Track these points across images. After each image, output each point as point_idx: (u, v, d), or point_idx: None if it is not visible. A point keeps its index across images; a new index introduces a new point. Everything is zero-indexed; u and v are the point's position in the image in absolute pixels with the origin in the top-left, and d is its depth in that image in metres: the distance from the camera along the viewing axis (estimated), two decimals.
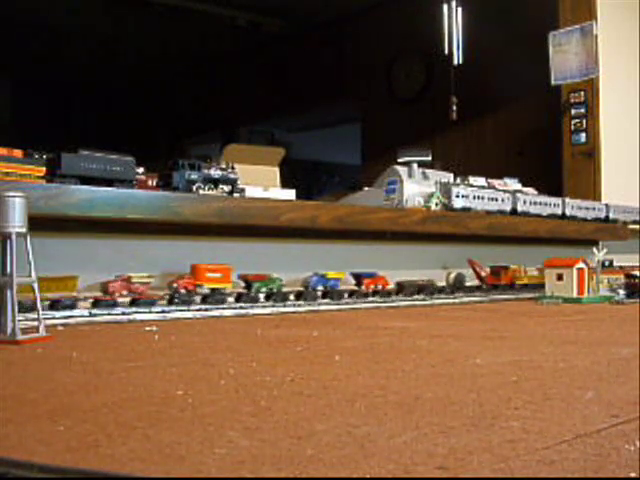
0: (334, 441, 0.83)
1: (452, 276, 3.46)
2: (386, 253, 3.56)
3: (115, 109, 11.08)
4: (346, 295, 3.01)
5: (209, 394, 1.13)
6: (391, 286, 3.24)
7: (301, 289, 2.93)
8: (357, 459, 0.76)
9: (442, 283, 3.44)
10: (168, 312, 2.46)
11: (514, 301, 3.51)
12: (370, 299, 3.06)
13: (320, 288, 2.95)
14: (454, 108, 5.24)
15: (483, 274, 3.60)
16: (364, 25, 7.99)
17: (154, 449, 0.80)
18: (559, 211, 4.17)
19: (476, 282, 3.61)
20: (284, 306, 2.79)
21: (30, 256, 1.78)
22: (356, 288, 3.09)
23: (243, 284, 2.77)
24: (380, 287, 3.15)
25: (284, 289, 2.85)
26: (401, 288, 3.23)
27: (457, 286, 3.44)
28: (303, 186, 9.36)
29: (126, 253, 2.64)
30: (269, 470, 0.72)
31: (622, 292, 3.43)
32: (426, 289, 3.29)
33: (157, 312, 2.44)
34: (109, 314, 2.33)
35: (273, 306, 2.76)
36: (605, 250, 3.50)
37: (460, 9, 5.09)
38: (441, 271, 3.61)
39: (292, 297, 2.86)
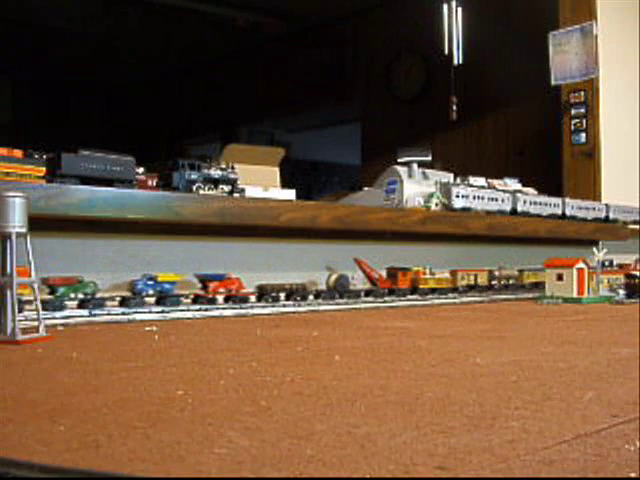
0: (334, 441, 0.83)
1: (333, 278, 3.00)
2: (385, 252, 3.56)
3: (115, 109, 11.08)
4: (187, 300, 2.56)
5: (209, 394, 1.13)
6: (249, 290, 2.74)
7: (126, 294, 2.46)
8: (357, 459, 0.76)
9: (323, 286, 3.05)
10: (168, 312, 2.46)
11: (514, 301, 3.51)
12: (222, 306, 2.59)
13: (150, 292, 2.46)
14: (454, 108, 5.24)
15: (376, 276, 3.18)
16: (364, 25, 7.99)
17: (154, 449, 0.80)
18: (559, 211, 4.17)
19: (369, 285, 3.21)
20: (284, 306, 2.79)
21: (30, 256, 1.78)
22: (202, 293, 2.60)
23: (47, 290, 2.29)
24: (231, 291, 2.64)
25: (101, 294, 2.41)
26: (262, 293, 2.78)
27: (339, 290, 2.99)
28: (303, 186, 9.37)
29: (126, 253, 2.63)
30: (269, 470, 0.72)
31: (622, 292, 3.43)
32: (296, 293, 2.87)
33: (157, 312, 2.44)
34: (109, 314, 2.33)
35: (273, 306, 2.76)
36: (605, 250, 3.50)
37: (460, 9, 5.09)
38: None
39: (114, 303, 2.39)
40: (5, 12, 7.75)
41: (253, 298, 2.78)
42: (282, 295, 2.84)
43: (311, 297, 2.94)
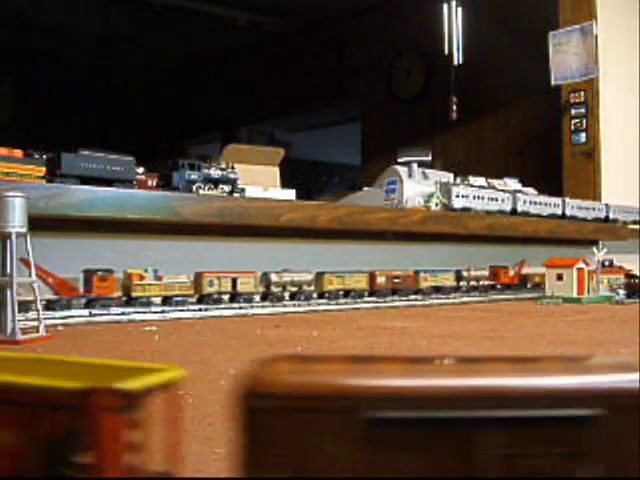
0: None
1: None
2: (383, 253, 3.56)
3: (115, 109, 11.07)
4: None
5: (209, 394, 1.13)
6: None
7: None
8: None
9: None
10: (168, 312, 2.46)
11: (514, 301, 3.51)
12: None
13: None
14: (454, 108, 5.23)
15: (50, 281, 2.31)
16: (364, 25, 7.98)
17: None
18: (559, 211, 4.17)
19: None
20: (284, 306, 2.79)
21: (30, 256, 1.78)
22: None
23: None
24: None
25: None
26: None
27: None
28: (303, 186, 9.36)
29: (126, 253, 2.64)
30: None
31: (622, 292, 3.43)
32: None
33: (157, 312, 2.44)
34: (108, 314, 2.33)
35: (273, 306, 2.76)
36: (605, 250, 3.50)
37: (460, 9, 5.09)
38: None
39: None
40: (5, 12, 7.74)
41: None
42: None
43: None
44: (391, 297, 3.17)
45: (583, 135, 5.23)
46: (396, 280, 3.17)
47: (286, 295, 2.86)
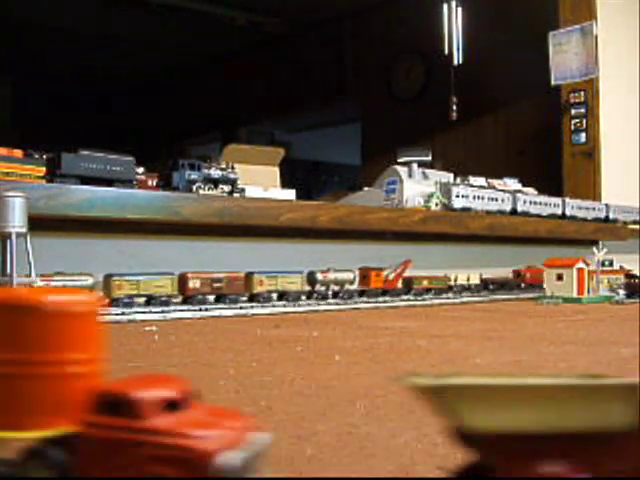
0: (334, 441, 0.83)
1: None
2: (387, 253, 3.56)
3: (115, 109, 11.07)
4: None
5: (209, 394, 1.13)
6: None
7: None
8: (357, 459, 0.76)
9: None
10: (168, 312, 2.46)
11: (514, 301, 3.51)
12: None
13: None
14: (454, 108, 5.23)
15: None
16: (364, 25, 7.98)
17: None
18: (559, 211, 4.17)
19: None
20: (284, 306, 2.79)
21: (30, 256, 1.78)
22: None
23: None
24: None
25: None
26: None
27: None
28: (303, 186, 9.36)
29: (126, 253, 2.64)
30: (269, 470, 0.72)
31: (622, 292, 3.43)
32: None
33: (157, 312, 2.44)
34: (109, 314, 2.33)
35: (273, 306, 2.76)
36: (605, 250, 3.50)
37: (460, 9, 5.09)
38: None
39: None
40: (5, 12, 7.74)
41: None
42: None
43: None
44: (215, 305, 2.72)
45: (583, 135, 5.23)
46: (217, 284, 2.63)
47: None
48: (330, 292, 2.99)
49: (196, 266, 2.70)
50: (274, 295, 2.81)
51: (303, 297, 2.89)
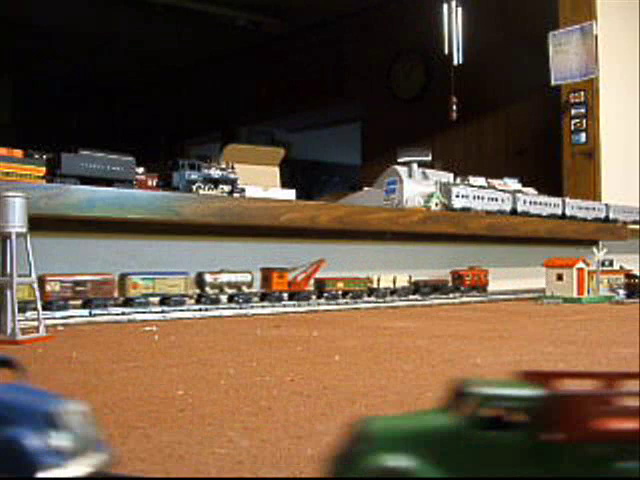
0: (334, 441, 0.83)
1: None
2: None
3: (115, 109, 11.07)
4: None
5: (209, 394, 1.13)
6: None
7: None
8: None
9: None
10: (168, 312, 2.46)
11: (514, 301, 3.51)
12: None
13: None
14: (454, 108, 5.23)
15: None
16: (364, 25, 7.98)
17: (154, 449, 0.80)
18: (559, 211, 4.17)
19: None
20: (284, 306, 2.79)
21: (30, 256, 1.78)
22: None
23: None
24: None
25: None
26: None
27: None
28: (303, 186, 9.36)
29: (126, 253, 2.63)
30: (269, 470, 0.72)
31: (622, 292, 3.43)
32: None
33: (157, 312, 2.44)
34: (109, 314, 2.33)
35: (273, 306, 2.76)
36: (605, 250, 3.50)
37: (460, 9, 5.09)
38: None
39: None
40: (5, 12, 7.74)
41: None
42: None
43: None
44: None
45: (583, 135, 5.23)
46: (81, 288, 2.35)
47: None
48: (224, 296, 2.71)
49: (196, 266, 2.70)
50: (155, 299, 2.53)
51: (190, 301, 2.63)
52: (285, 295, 2.89)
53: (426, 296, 3.31)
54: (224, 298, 2.72)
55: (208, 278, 2.67)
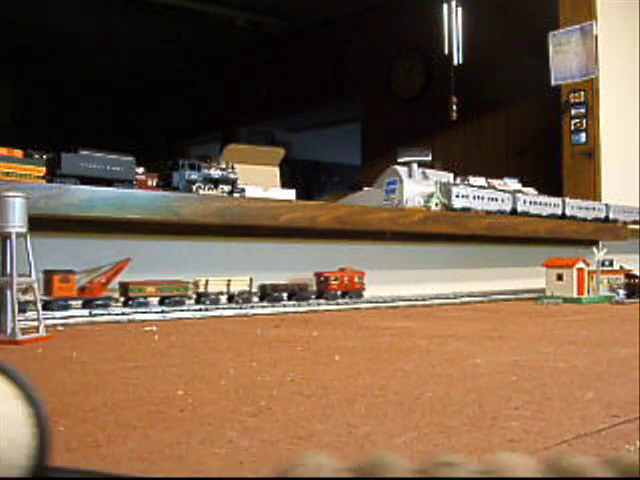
0: (334, 441, 0.83)
1: None
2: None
3: (115, 109, 11.07)
4: None
5: (209, 394, 1.13)
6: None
7: None
8: (357, 459, 0.76)
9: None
10: (168, 312, 2.46)
11: (514, 301, 3.51)
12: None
13: None
14: (454, 108, 5.23)
15: None
16: (364, 25, 7.98)
17: (154, 449, 0.80)
18: (559, 211, 4.17)
19: None
20: (284, 306, 2.79)
21: (30, 256, 1.78)
22: None
23: None
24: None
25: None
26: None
27: None
28: (303, 186, 9.36)
29: (126, 253, 2.63)
30: (269, 470, 0.72)
31: (622, 292, 3.43)
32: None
33: (157, 312, 2.44)
34: (109, 314, 2.33)
35: (273, 306, 2.76)
36: (605, 250, 3.50)
37: (460, 9, 5.09)
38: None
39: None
40: (5, 12, 7.74)
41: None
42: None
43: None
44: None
45: (583, 135, 5.23)
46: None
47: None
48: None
49: (197, 267, 2.70)
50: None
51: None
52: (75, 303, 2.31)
53: (275, 302, 2.77)
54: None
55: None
